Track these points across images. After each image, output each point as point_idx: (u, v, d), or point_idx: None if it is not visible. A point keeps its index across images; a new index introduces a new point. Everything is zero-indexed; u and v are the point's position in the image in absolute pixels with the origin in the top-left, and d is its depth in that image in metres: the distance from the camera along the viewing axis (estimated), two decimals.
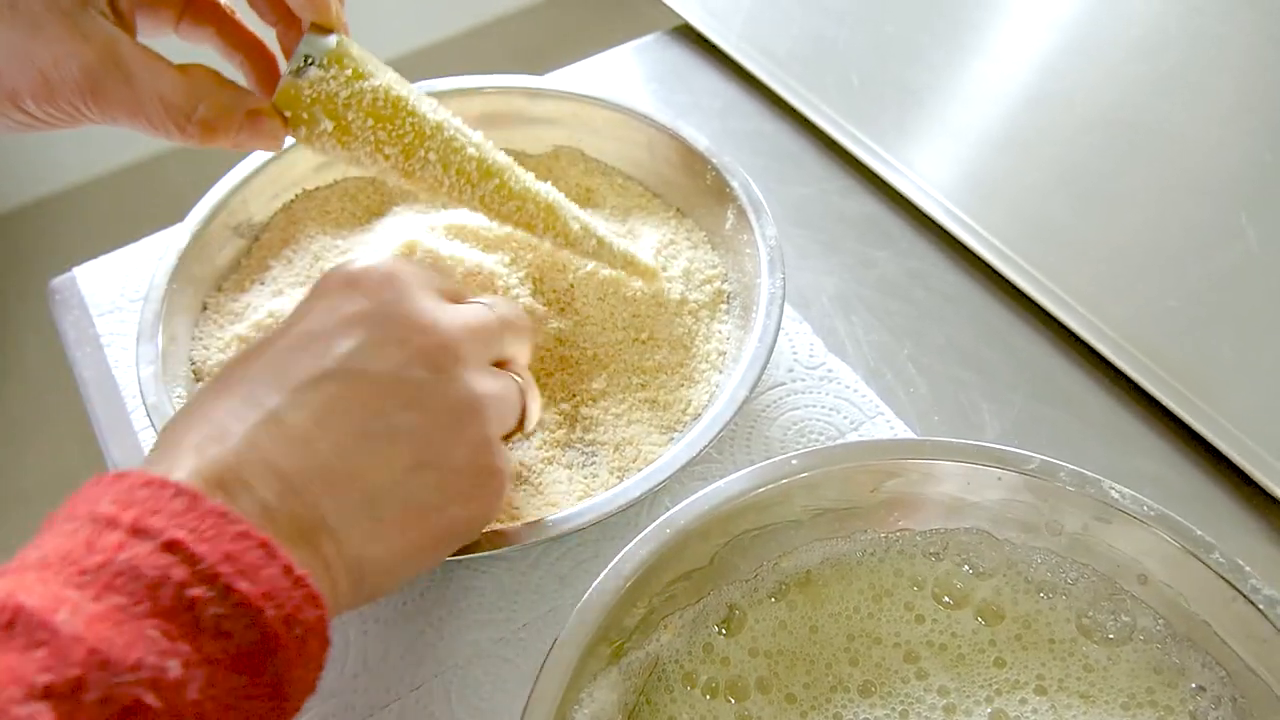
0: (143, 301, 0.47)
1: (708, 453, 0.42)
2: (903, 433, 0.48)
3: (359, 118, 0.40)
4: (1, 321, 1.69)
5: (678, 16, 0.73)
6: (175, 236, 0.50)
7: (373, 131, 0.40)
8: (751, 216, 0.49)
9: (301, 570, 0.28)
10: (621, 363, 0.48)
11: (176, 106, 0.38)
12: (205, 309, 0.51)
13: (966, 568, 0.39)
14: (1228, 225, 0.51)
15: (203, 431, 0.31)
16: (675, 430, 0.46)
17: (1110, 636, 0.37)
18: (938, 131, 0.61)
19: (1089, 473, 0.37)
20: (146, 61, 0.38)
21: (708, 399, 0.47)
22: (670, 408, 0.47)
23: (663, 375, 0.48)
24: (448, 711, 0.41)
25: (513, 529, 0.39)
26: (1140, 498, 0.36)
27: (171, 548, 0.26)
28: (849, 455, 0.39)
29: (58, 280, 0.59)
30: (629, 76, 0.70)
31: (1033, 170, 0.58)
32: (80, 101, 0.37)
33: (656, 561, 0.36)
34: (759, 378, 0.43)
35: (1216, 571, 0.35)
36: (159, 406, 0.43)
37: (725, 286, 0.51)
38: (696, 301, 0.50)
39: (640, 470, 0.42)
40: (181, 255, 0.49)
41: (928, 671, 0.37)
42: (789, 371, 0.51)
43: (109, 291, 0.57)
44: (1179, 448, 0.48)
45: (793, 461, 0.38)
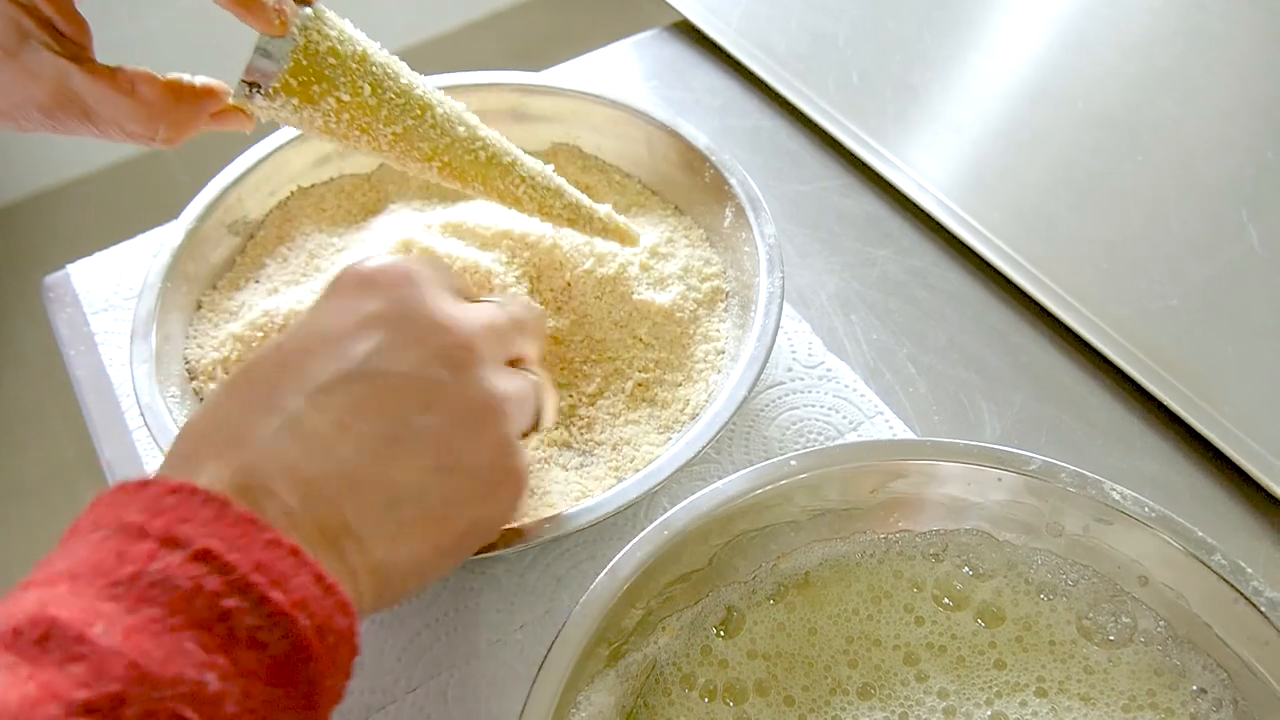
0: (137, 299, 0.47)
1: (706, 453, 0.42)
2: (902, 433, 0.48)
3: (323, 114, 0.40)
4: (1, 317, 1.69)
5: (676, 13, 0.73)
6: (170, 234, 0.50)
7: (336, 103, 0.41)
8: (750, 215, 0.49)
9: (332, 578, 0.27)
10: (619, 362, 0.48)
11: (137, 133, 0.39)
12: (200, 307, 0.50)
13: (966, 569, 0.39)
14: (1229, 224, 0.50)
15: (223, 436, 0.30)
16: (673, 430, 0.46)
17: (1111, 638, 0.37)
18: (938, 129, 0.61)
19: (1090, 474, 0.37)
20: (100, 93, 0.38)
21: (706, 398, 0.46)
22: (668, 407, 0.46)
23: (661, 374, 0.48)
24: (444, 713, 0.41)
25: (510, 530, 0.39)
26: (1141, 499, 0.36)
27: (203, 557, 0.25)
28: (848, 456, 0.38)
29: (52, 277, 0.58)
30: (627, 73, 0.70)
31: (1034, 168, 0.58)
32: (48, 130, 0.38)
33: (654, 563, 0.36)
34: (758, 377, 0.43)
35: (1218, 573, 0.34)
36: (153, 405, 0.43)
37: (723, 285, 0.51)
38: (694, 300, 0.50)
39: (638, 471, 0.41)
40: (176, 253, 0.49)
41: (927, 673, 0.37)
42: (788, 371, 0.51)
43: (103, 289, 0.57)
44: (1180, 448, 0.47)
45: (792, 463, 0.38)
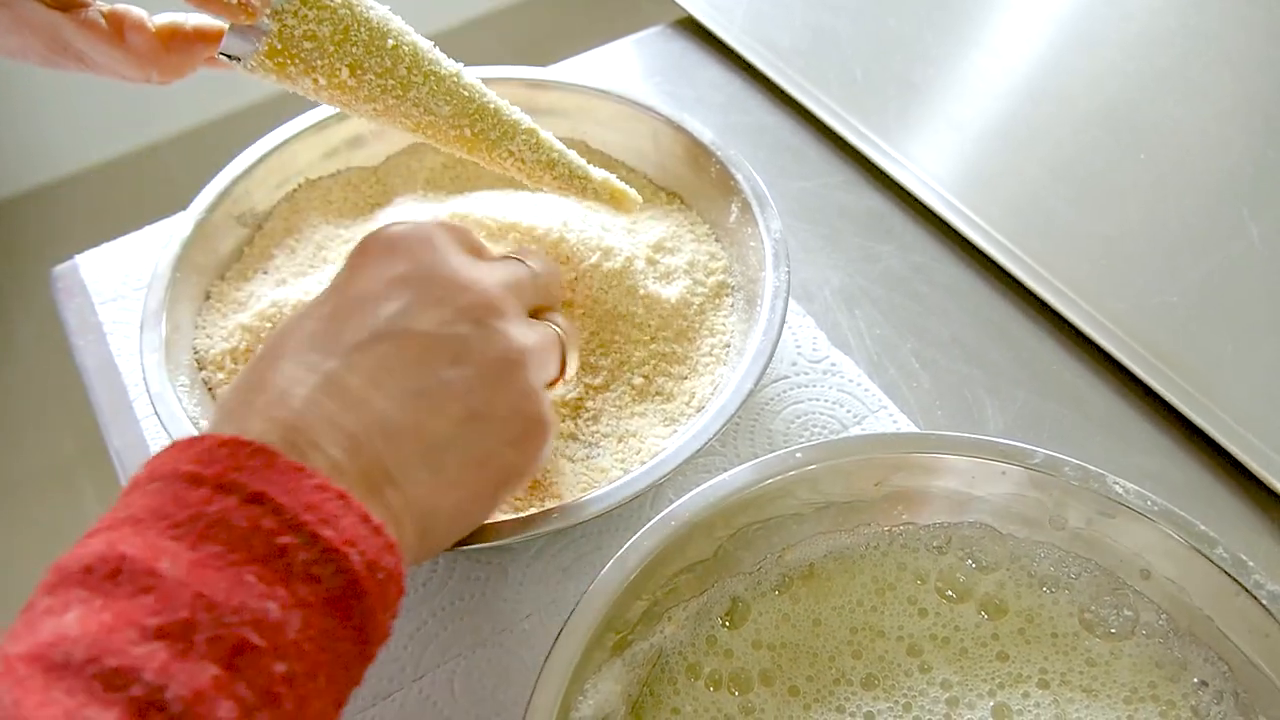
0: (146, 290, 0.47)
1: (712, 445, 0.42)
2: (906, 426, 0.48)
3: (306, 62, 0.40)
4: (0, 309, 1.69)
5: (680, 9, 0.73)
6: (179, 225, 0.50)
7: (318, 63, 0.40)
8: (756, 210, 0.49)
9: (378, 519, 0.29)
10: (625, 355, 0.48)
11: (131, 78, 0.42)
12: (208, 298, 0.51)
13: (970, 562, 0.39)
14: (1230, 220, 0.51)
15: (265, 398, 0.32)
16: (679, 422, 0.46)
17: (1113, 631, 0.37)
18: (940, 125, 0.61)
19: (1093, 468, 0.37)
20: (91, 42, 0.40)
21: (711, 392, 0.46)
22: (674, 400, 0.47)
23: (666, 368, 0.48)
24: (451, 701, 0.41)
25: (516, 520, 0.39)
26: (1144, 493, 0.36)
27: (258, 499, 0.27)
28: (853, 449, 0.39)
29: (60, 268, 0.59)
30: (630, 70, 0.70)
31: (1035, 164, 0.58)
32: (56, 69, 0.40)
33: (660, 554, 0.36)
34: (763, 371, 0.43)
35: (1220, 566, 0.35)
36: (163, 395, 0.43)
37: (729, 279, 0.51)
38: (700, 294, 0.50)
39: (644, 462, 0.42)
40: (185, 244, 0.49)
41: (931, 665, 0.37)
42: (792, 365, 0.51)
43: (112, 280, 0.57)
44: (1181, 443, 0.48)
45: (797, 455, 0.38)
